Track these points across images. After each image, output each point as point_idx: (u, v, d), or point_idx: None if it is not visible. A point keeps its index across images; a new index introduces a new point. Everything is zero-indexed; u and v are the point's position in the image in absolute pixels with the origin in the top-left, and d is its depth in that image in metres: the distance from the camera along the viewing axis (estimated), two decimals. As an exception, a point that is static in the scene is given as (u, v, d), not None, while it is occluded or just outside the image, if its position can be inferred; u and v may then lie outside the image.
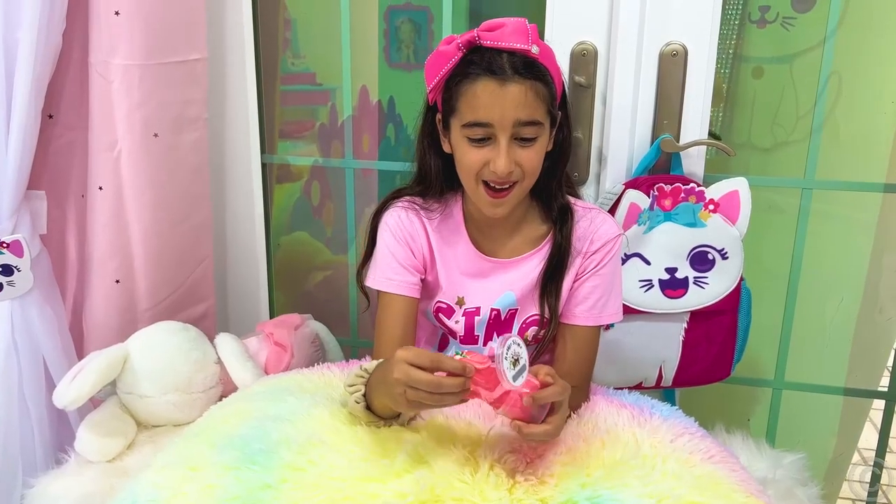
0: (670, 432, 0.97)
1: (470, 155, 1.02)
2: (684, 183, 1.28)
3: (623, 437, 0.96)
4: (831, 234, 1.51)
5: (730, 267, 1.30)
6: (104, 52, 1.26)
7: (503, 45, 0.98)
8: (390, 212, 1.15)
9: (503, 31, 0.99)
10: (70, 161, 1.36)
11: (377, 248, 1.15)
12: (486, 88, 0.98)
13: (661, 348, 1.36)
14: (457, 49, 1.00)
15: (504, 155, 1.00)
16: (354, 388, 0.97)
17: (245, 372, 1.28)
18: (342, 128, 1.59)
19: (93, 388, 1.17)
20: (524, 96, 0.98)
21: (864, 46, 1.43)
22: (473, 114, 1.00)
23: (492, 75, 0.98)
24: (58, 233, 1.38)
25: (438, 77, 1.03)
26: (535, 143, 1.02)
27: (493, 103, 0.98)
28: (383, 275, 1.13)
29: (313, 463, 0.88)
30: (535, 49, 0.99)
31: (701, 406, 1.31)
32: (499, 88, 0.98)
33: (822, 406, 1.63)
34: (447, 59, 1.01)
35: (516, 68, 0.98)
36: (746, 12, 1.41)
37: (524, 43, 0.98)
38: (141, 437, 1.25)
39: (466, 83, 1.00)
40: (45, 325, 1.32)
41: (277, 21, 1.61)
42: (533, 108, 0.99)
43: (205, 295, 1.49)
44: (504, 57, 0.98)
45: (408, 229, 1.13)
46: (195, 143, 1.39)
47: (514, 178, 1.03)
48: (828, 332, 1.60)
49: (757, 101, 1.48)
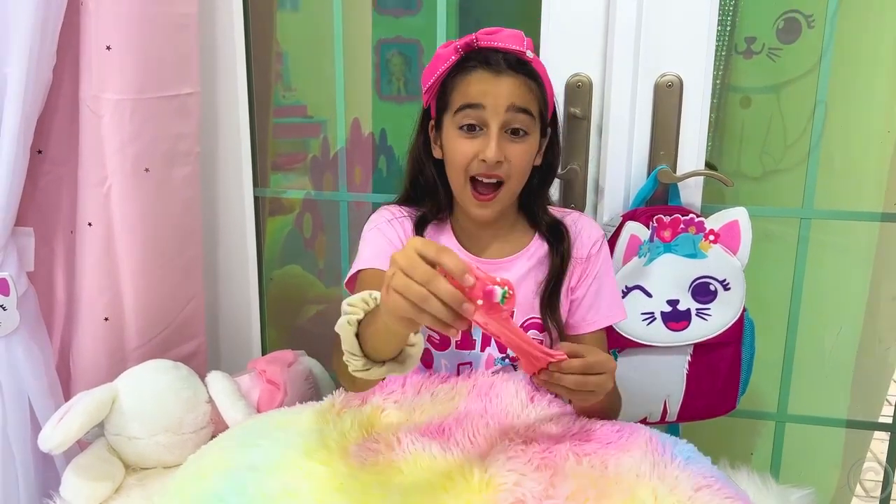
0: (690, 485, 0.92)
1: (460, 146, 1.05)
2: (683, 214, 1.27)
3: (642, 495, 0.89)
4: (828, 264, 1.51)
5: (732, 298, 1.29)
6: (95, 86, 1.24)
7: (499, 46, 1.03)
8: (377, 213, 1.16)
9: (500, 34, 1.04)
10: (59, 197, 1.34)
11: (362, 246, 1.13)
12: (480, 77, 1.03)
13: (665, 382, 1.34)
14: (454, 51, 1.05)
15: (494, 140, 1.02)
16: (353, 308, 0.83)
17: (237, 411, 1.25)
18: (335, 160, 1.59)
19: (80, 430, 1.14)
20: (517, 87, 1.03)
21: (854, 76, 1.44)
22: (465, 98, 1.03)
23: (487, 67, 1.03)
24: (45, 270, 1.36)
25: (435, 77, 1.07)
26: (525, 138, 1.05)
27: (487, 90, 1.02)
28: (367, 263, 1.09)
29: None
30: (529, 54, 1.04)
31: (703, 440, 1.28)
32: (492, 78, 1.02)
33: (824, 438, 1.61)
34: (444, 61, 1.06)
35: (511, 64, 1.03)
36: (733, 43, 1.43)
37: (520, 46, 1.03)
38: (129, 481, 1.22)
39: (461, 76, 1.04)
40: (31, 365, 1.29)
41: (269, 54, 1.61)
42: (526, 99, 1.03)
43: (195, 332, 1.47)
44: (500, 54, 1.03)
45: (395, 228, 1.13)
46: (187, 177, 1.38)
47: (502, 174, 1.04)
48: (827, 364, 1.58)
49: (745, 131, 1.50)
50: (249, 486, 0.90)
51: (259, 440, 1.00)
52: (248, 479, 0.91)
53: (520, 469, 0.89)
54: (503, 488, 0.86)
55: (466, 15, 1.53)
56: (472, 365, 1.14)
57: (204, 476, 0.96)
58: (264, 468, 0.93)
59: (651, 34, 1.28)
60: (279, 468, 0.92)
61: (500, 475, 0.88)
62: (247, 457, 0.97)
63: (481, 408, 1.02)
